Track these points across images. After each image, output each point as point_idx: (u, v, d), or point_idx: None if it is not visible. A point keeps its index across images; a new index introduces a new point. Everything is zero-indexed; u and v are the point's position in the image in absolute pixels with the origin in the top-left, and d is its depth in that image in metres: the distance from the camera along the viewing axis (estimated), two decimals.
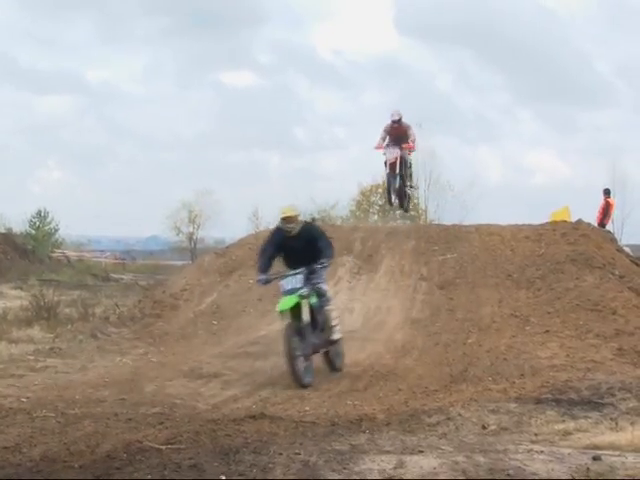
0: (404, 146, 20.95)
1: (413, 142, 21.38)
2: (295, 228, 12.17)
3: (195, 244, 59.66)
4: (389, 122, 21.11)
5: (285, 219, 12.17)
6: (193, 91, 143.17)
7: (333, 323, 12.44)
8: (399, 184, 21.46)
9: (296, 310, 11.76)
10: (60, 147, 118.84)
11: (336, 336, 12.44)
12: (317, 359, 12.22)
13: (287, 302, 11.71)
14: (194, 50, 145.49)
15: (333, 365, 12.53)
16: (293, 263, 12.22)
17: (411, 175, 22.88)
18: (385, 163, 21.19)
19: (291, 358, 11.31)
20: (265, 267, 12.23)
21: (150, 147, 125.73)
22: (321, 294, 12.30)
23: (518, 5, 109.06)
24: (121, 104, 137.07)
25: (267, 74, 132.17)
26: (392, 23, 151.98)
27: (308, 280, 11.97)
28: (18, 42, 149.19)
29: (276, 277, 12.23)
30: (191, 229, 60.74)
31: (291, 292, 11.80)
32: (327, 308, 12.41)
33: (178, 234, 60.92)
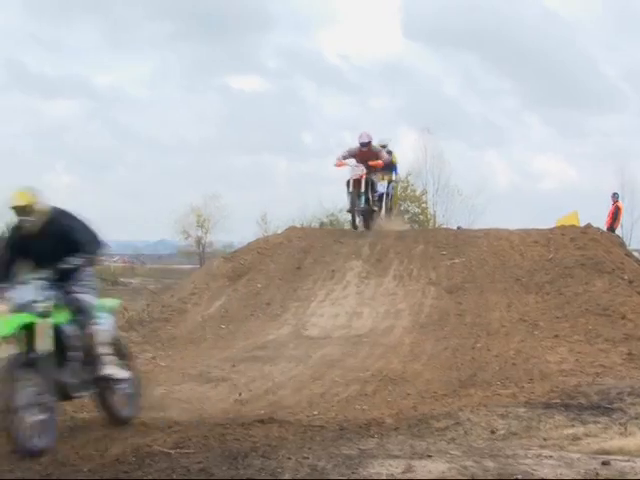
0: (371, 163, 20.33)
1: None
2: (35, 222, 8.53)
3: (203, 248, 59.66)
4: (357, 145, 20.61)
5: (17, 210, 8.50)
6: (200, 95, 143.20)
7: (101, 351, 8.66)
8: (364, 205, 20.80)
9: (30, 334, 7.97)
10: (68, 151, 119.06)
11: (107, 371, 8.70)
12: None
13: (10, 323, 7.87)
14: (201, 54, 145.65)
15: (115, 414, 8.99)
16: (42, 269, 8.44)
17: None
18: (348, 182, 20.56)
19: (10, 411, 7.47)
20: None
21: (158, 151, 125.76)
22: (81, 309, 8.53)
23: (524, 9, 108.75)
24: (128, 108, 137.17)
25: (274, 78, 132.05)
26: (399, 27, 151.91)
27: (57, 289, 8.36)
28: (26, 47, 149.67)
29: (4, 286, 8.34)
30: (199, 233, 60.76)
31: (23, 308, 8.00)
32: (94, 329, 8.60)
33: (186, 238, 60.93)
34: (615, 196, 26.82)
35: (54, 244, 8.43)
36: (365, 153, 20.39)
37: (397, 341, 14.61)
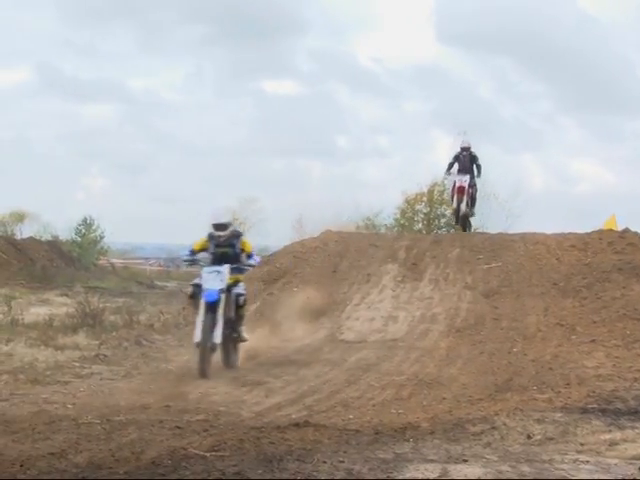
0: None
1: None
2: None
3: None
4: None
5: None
6: (234, 99, 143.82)
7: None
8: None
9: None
10: (103, 154, 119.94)
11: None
12: None
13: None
14: (235, 58, 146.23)
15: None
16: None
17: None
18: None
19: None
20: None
21: (192, 155, 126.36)
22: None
23: (559, 12, 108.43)
24: (162, 112, 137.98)
25: (308, 82, 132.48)
26: (432, 31, 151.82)
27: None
28: (61, 52, 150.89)
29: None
30: None
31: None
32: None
33: None
34: None
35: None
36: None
37: (433, 345, 14.58)
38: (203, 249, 13.38)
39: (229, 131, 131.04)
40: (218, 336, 12.31)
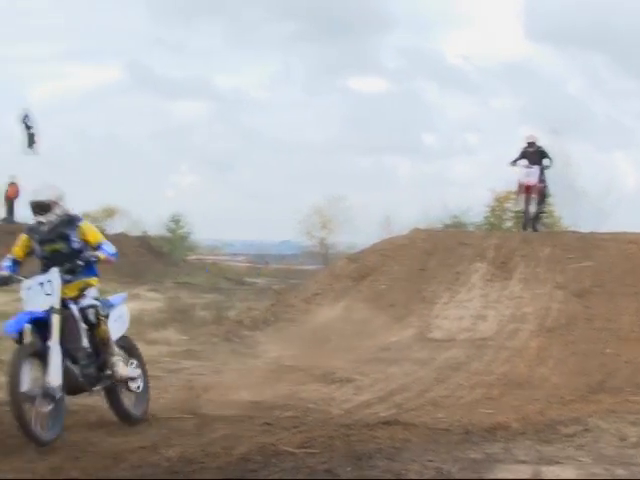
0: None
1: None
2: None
3: (327, 249, 59.86)
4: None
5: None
6: (322, 96, 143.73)
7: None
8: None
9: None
10: (192, 152, 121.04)
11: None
12: None
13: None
14: (322, 56, 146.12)
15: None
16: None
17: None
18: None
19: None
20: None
21: (280, 152, 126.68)
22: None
23: None
24: (251, 109, 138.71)
25: (395, 79, 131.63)
26: (521, 27, 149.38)
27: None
28: (151, 50, 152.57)
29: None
30: (323, 234, 61.00)
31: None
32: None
33: (310, 239, 61.26)
34: None
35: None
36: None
37: (523, 345, 14.41)
38: (29, 252, 8.84)
39: (316, 128, 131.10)
40: (55, 378, 7.92)
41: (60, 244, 8.70)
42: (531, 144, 21.29)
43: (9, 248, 8.92)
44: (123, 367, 8.81)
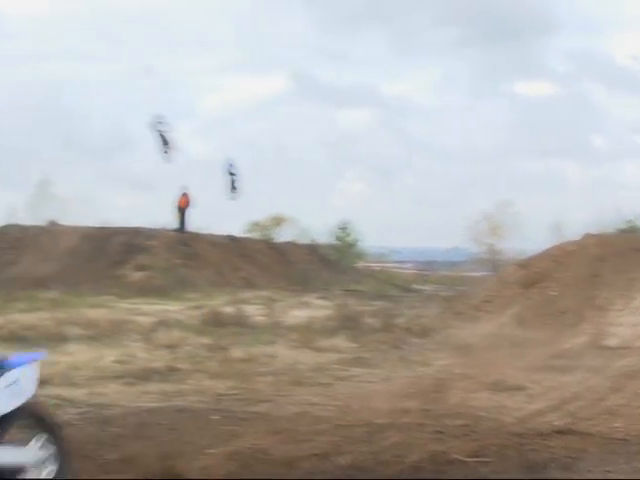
0: None
1: None
2: None
3: (496, 255, 59.11)
4: None
5: None
6: (487, 101, 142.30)
7: None
8: None
9: None
10: (359, 160, 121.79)
11: None
12: None
13: None
14: (487, 60, 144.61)
15: None
16: None
17: None
18: None
19: None
20: None
21: (446, 159, 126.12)
22: None
23: None
24: (416, 116, 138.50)
25: (561, 82, 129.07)
26: None
27: None
28: (315, 59, 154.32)
29: None
30: (491, 240, 60.28)
31: None
32: None
33: (479, 245, 60.64)
34: None
35: None
36: None
37: None
38: None
39: (482, 134, 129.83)
40: None
41: None
42: None
43: (181, 257, 9.19)
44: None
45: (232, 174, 39.87)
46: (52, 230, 36.32)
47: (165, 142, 38.05)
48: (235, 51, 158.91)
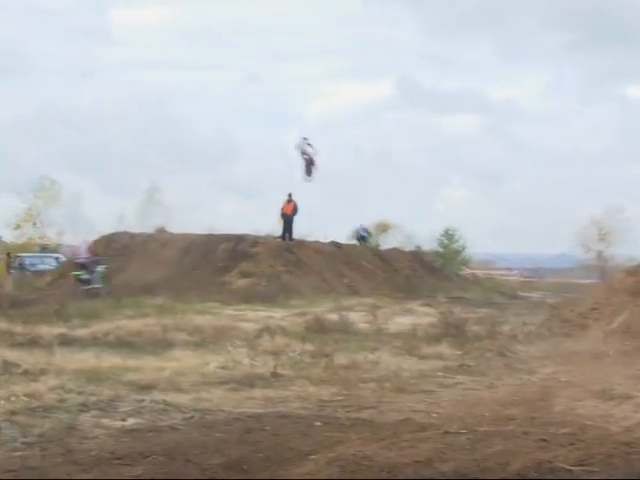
0: None
1: None
2: None
3: (605, 262, 58.07)
4: None
5: None
6: (596, 106, 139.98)
7: None
8: None
9: None
10: (464, 165, 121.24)
11: None
12: None
13: None
14: (598, 64, 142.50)
15: None
16: None
17: None
18: None
19: None
20: None
21: (554, 164, 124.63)
22: None
23: None
24: (524, 121, 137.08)
25: None
26: None
27: None
28: (419, 65, 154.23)
29: None
30: (600, 247, 59.24)
31: None
32: None
33: (587, 252, 59.70)
34: None
35: None
36: None
37: None
38: None
39: (591, 138, 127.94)
40: None
41: None
42: None
43: (286, 264, 9.26)
44: None
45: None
46: (159, 237, 36.98)
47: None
48: (341, 57, 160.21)
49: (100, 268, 32.67)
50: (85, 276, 32.86)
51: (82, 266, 32.97)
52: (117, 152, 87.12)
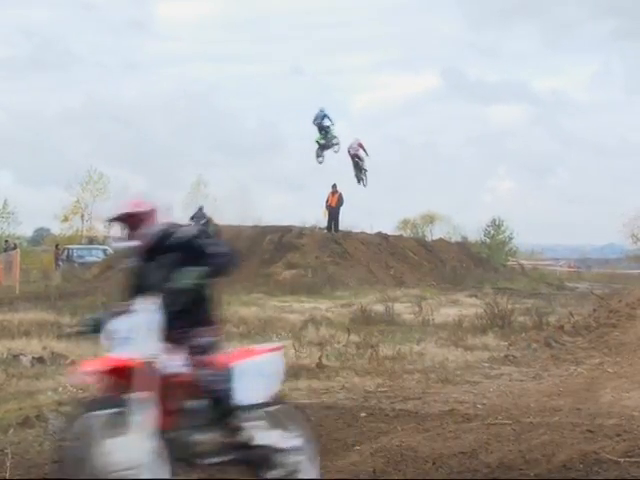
0: None
1: None
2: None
3: None
4: None
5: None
6: None
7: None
8: None
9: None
10: (509, 156, 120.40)
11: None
12: None
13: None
14: None
15: None
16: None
17: None
18: None
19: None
20: None
21: (602, 154, 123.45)
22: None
23: None
24: (570, 112, 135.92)
25: None
26: None
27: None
28: (465, 56, 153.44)
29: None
30: None
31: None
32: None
33: (635, 242, 59.17)
34: None
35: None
36: None
37: None
38: None
39: (638, 129, 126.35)
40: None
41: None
42: None
43: (332, 256, 9.26)
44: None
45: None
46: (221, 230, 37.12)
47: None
48: (386, 49, 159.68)
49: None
50: None
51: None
52: (163, 145, 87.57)
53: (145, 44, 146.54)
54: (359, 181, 37.97)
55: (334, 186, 36.36)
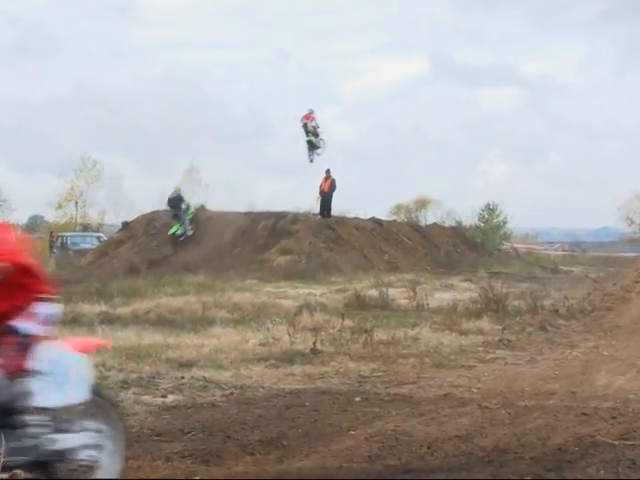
0: None
1: None
2: None
3: None
4: None
5: None
6: (633, 78, 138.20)
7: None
8: None
9: None
10: (500, 140, 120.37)
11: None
12: None
13: None
14: (633, 35, 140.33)
15: None
16: None
17: None
18: None
19: None
20: None
21: (592, 138, 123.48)
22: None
23: None
24: (558, 95, 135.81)
25: None
26: None
27: None
28: (451, 40, 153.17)
29: None
30: None
31: None
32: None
33: (630, 225, 59.26)
34: None
35: None
36: None
37: None
38: None
39: (629, 112, 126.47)
40: None
41: None
42: None
43: (326, 241, 9.23)
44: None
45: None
46: (199, 216, 37.05)
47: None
48: (374, 35, 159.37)
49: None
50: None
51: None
52: (153, 132, 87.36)
53: (132, 30, 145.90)
54: (311, 160, 38.09)
55: (328, 171, 36.35)
